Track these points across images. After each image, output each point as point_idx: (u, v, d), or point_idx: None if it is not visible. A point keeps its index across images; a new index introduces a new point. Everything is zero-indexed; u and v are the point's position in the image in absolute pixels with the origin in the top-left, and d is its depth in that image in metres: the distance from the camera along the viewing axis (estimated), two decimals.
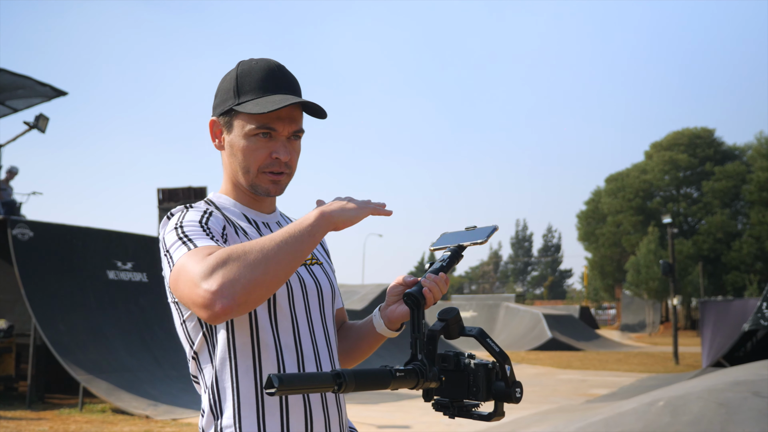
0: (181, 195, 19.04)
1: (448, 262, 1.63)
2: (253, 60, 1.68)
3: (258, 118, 1.61)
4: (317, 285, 1.71)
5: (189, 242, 1.48)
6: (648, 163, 54.41)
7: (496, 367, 1.43)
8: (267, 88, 1.63)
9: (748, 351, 15.24)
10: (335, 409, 1.66)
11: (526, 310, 33.42)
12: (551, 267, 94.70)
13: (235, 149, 1.65)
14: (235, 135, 1.64)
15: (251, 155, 1.63)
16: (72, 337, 11.04)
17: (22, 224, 11.35)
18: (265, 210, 1.74)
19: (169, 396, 10.86)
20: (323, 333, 1.68)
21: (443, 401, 1.46)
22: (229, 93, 1.65)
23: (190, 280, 1.39)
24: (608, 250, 53.66)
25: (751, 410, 6.51)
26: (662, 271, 25.66)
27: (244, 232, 1.64)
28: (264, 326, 1.58)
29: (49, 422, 9.54)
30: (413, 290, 1.53)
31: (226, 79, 1.67)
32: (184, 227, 1.53)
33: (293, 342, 1.61)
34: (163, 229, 1.60)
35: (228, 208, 1.69)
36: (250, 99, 1.62)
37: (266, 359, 1.57)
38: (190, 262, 1.42)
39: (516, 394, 1.41)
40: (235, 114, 1.64)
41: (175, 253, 1.49)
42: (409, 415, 10.63)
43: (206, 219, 1.57)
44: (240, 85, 1.64)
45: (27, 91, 14.10)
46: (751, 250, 46.18)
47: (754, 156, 48.74)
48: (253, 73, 1.64)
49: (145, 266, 13.00)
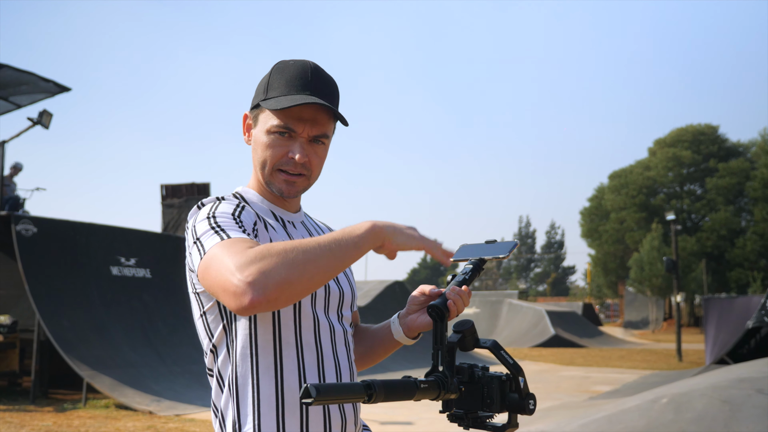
0: (184, 191, 19.06)
1: (470, 275, 1.63)
2: (291, 60, 1.68)
3: (278, 115, 1.62)
4: (340, 289, 1.71)
5: (222, 232, 1.47)
6: (651, 160, 54.29)
7: (509, 379, 1.44)
8: (294, 87, 1.63)
9: (751, 348, 15.21)
10: (351, 409, 1.66)
11: (529, 306, 33.40)
12: (554, 264, 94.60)
13: (257, 144, 1.67)
14: (258, 130, 1.67)
15: (268, 151, 1.64)
16: (75, 332, 11.06)
17: (26, 220, 11.37)
18: (291, 209, 1.74)
19: (173, 392, 10.88)
20: (342, 335, 1.69)
21: (458, 413, 1.47)
22: (261, 88, 1.67)
23: (225, 268, 1.36)
24: (611, 247, 53.59)
25: (755, 407, 6.50)
26: (665, 268, 25.60)
27: (273, 229, 1.64)
28: (287, 324, 1.58)
29: (52, 418, 9.56)
30: (438, 302, 1.53)
31: (266, 74, 1.69)
32: (217, 218, 1.52)
33: (314, 342, 1.61)
34: (193, 218, 1.59)
35: (256, 204, 1.69)
36: (275, 96, 1.63)
37: (287, 357, 1.57)
38: (224, 252, 1.39)
39: (529, 406, 1.43)
40: (261, 109, 1.66)
41: (206, 242, 1.46)
42: (412, 411, 10.64)
43: (239, 212, 1.56)
44: (271, 81, 1.65)
45: (30, 87, 14.10)
46: (754, 247, 46.08)
47: (758, 153, 48.57)
48: (285, 71, 1.65)
49: (149, 262, 13.02)
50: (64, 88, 14.25)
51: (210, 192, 19.04)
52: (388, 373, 15.60)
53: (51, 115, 14.15)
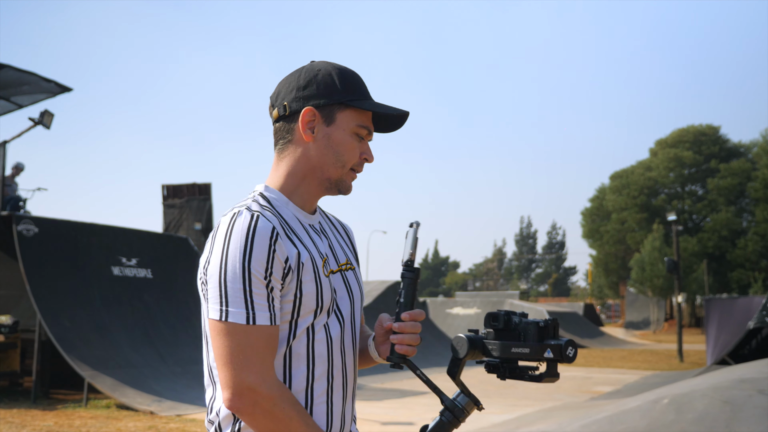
0: (185, 191, 19.09)
1: (404, 295, 1.60)
2: (335, 63, 1.70)
3: (366, 118, 1.67)
4: (350, 293, 1.71)
5: (250, 309, 1.48)
6: (653, 161, 54.25)
7: (548, 325, 1.40)
8: (367, 93, 1.68)
9: (752, 349, 15.20)
10: (349, 411, 1.70)
11: (530, 307, 33.41)
12: (555, 264, 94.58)
13: (335, 143, 1.65)
14: (338, 128, 1.65)
15: (351, 152, 1.66)
16: (77, 332, 11.06)
17: (27, 220, 11.38)
18: (313, 209, 1.73)
19: (174, 392, 10.88)
20: (351, 342, 1.70)
21: (494, 362, 1.44)
22: (333, 87, 1.64)
23: (231, 367, 1.48)
24: (613, 248, 53.56)
25: (756, 408, 6.50)
26: (667, 269, 25.59)
27: (300, 238, 1.61)
28: (301, 338, 1.59)
29: (53, 418, 9.56)
30: (390, 357, 1.57)
31: (322, 73, 1.66)
32: (252, 273, 1.49)
33: (326, 353, 1.61)
34: (225, 234, 1.51)
35: (283, 209, 1.64)
36: (359, 98, 1.65)
37: (297, 368, 1.58)
38: (239, 350, 1.48)
39: (569, 353, 1.38)
40: (341, 108, 1.64)
41: (232, 303, 1.49)
42: (413, 411, 10.64)
43: (271, 262, 1.50)
44: (345, 82, 1.65)
45: (32, 87, 14.10)
46: (756, 247, 46.04)
47: (760, 153, 48.50)
48: (353, 76, 1.68)
49: (150, 262, 13.02)
50: (65, 89, 14.25)
51: (211, 192, 19.04)
52: (389, 374, 15.60)
53: (52, 115, 14.14)
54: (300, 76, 1.67)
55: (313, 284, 1.56)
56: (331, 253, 1.69)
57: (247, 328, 1.47)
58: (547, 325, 1.39)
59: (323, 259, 1.63)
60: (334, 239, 1.75)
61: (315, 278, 1.57)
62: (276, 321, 1.51)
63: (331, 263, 1.66)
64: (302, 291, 1.54)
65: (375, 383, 14.27)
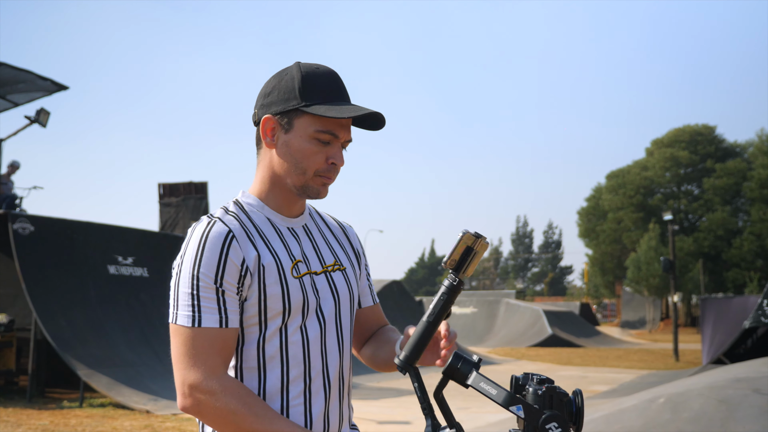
0: (181, 190, 19.05)
1: (440, 307, 1.51)
2: (314, 65, 1.67)
3: (326, 122, 1.62)
4: (334, 295, 1.70)
5: (197, 312, 1.53)
6: (649, 160, 54.32)
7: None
8: (334, 95, 1.64)
9: (748, 348, 15.25)
10: (346, 412, 1.73)
11: (526, 306, 33.42)
12: (552, 263, 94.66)
13: (293, 150, 1.64)
14: (295, 135, 1.63)
15: (311, 158, 1.63)
16: (73, 331, 11.04)
17: (23, 219, 11.35)
18: (295, 212, 1.73)
19: (170, 391, 10.86)
20: (336, 343, 1.69)
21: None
22: (292, 93, 1.63)
23: (180, 368, 1.53)
24: (609, 247, 53.62)
25: (752, 407, 6.51)
26: (663, 268, 25.65)
27: (266, 241, 1.63)
28: (272, 340, 1.60)
29: (49, 417, 9.55)
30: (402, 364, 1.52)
31: (286, 78, 1.65)
32: (200, 279, 1.54)
33: (302, 355, 1.62)
34: (185, 244, 1.59)
35: (255, 213, 1.67)
36: (319, 103, 1.61)
37: (271, 370, 1.60)
38: (186, 352, 1.53)
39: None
40: (298, 115, 1.63)
41: (181, 308, 1.55)
42: (410, 411, 10.64)
43: (223, 266, 1.54)
44: (306, 86, 1.62)
45: (28, 85, 14.09)
46: (751, 247, 46.13)
47: (755, 153, 48.63)
48: (319, 77, 1.64)
49: (146, 261, 13.00)
50: (61, 87, 14.23)
51: (207, 191, 19.02)
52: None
53: (48, 113, 14.13)
54: (269, 82, 1.69)
55: (278, 286, 1.58)
56: (315, 254, 1.70)
57: (192, 330, 1.52)
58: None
59: (294, 261, 1.63)
60: (321, 241, 1.76)
61: (280, 280, 1.58)
62: (228, 323, 1.54)
63: (311, 265, 1.67)
64: (266, 293, 1.57)
65: (371, 382, 14.27)
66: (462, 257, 1.47)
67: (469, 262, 1.48)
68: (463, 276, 1.48)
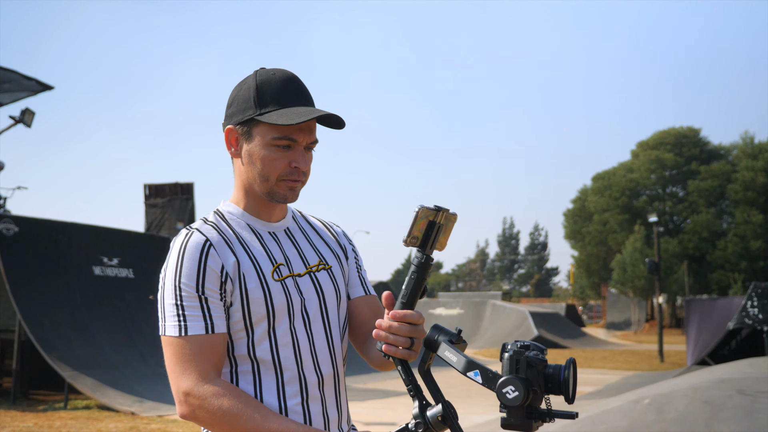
0: (167, 191, 18.97)
1: (411, 286, 1.46)
2: (271, 70, 1.69)
3: (281, 129, 1.63)
4: (319, 294, 1.72)
5: (182, 321, 1.56)
6: (634, 162, 54.57)
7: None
8: (288, 99, 1.65)
9: (732, 349, 15.37)
10: (345, 410, 1.78)
11: (512, 307, 33.48)
12: (538, 265, 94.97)
13: (255, 158, 1.66)
14: (255, 144, 1.66)
15: (272, 164, 1.65)
16: (57, 333, 10.96)
17: (7, 219, 11.26)
18: (275, 217, 1.75)
19: (155, 392, 10.81)
20: (325, 341, 1.71)
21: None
22: (248, 102, 1.66)
23: (173, 377, 1.56)
24: (594, 249, 53.81)
25: (736, 408, 6.56)
26: (648, 270, 25.81)
27: (246, 247, 1.66)
28: (261, 344, 1.62)
29: (33, 419, 9.47)
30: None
31: (244, 88, 1.68)
32: (183, 290, 1.57)
33: (293, 355, 1.64)
34: (169, 256, 1.62)
35: (234, 220, 1.71)
36: (273, 110, 1.63)
37: (265, 373, 1.62)
38: (177, 359, 1.55)
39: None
40: (255, 123, 1.65)
41: (168, 319, 1.58)
42: (396, 412, 10.64)
43: (203, 274, 1.57)
44: (260, 95, 1.65)
45: (12, 84, 13.99)
46: (736, 249, 46.44)
47: (740, 155, 49.00)
48: (273, 83, 1.66)
49: (132, 262, 12.93)
50: (46, 87, 14.15)
51: (194, 192, 18.95)
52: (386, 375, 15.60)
53: (33, 113, 14.03)
54: (231, 93, 1.72)
55: (260, 290, 1.61)
56: (298, 256, 1.72)
57: (180, 339, 1.55)
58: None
59: (275, 264, 1.66)
60: (305, 242, 1.78)
61: (261, 284, 1.61)
62: (214, 329, 1.57)
63: (294, 267, 1.69)
64: (248, 297, 1.60)
65: (358, 383, 14.27)
66: (426, 233, 1.43)
67: (434, 236, 1.43)
68: (431, 251, 1.44)
